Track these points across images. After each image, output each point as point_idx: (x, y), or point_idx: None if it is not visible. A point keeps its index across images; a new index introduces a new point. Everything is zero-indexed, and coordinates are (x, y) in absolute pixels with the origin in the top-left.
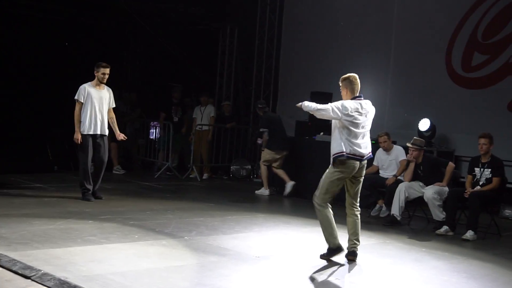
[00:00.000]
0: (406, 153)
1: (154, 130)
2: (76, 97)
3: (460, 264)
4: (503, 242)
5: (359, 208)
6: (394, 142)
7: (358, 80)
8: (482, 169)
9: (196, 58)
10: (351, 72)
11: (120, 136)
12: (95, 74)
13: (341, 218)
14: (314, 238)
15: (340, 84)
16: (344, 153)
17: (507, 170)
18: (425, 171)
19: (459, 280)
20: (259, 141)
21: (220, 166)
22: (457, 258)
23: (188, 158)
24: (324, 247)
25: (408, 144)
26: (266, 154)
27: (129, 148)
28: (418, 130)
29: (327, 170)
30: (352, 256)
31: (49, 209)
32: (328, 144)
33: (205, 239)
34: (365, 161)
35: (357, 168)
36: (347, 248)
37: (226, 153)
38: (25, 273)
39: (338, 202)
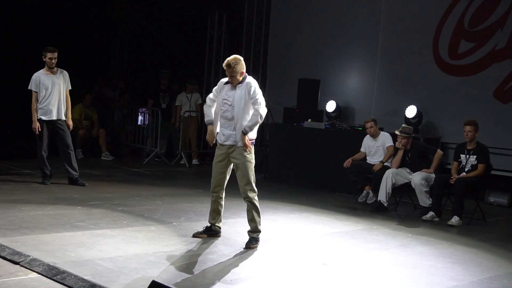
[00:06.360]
0: (393, 139)
1: (142, 117)
2: (29, 87)
3: (446, 250)
4: (487, 228)
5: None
6: (381, 129)
7: None
8: (467, 156)
9: (184, 44)
10: (339, 59)
11: (68, 122)
12: (43, 60)
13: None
14: (301, 224)
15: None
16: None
17: (492, 156)
18: (413, 158)
19: (444, 265)
20: None
21: (208, 152)
22: (443, 244)
23: (176, 145)
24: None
25: (397, 132)
26: None
27: (117, 134)
28: (405, 117)
29: (244, 159)
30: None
31: (38, 195)
32: (317, 131)
33: (194, 225)
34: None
35: None
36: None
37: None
38: (13, 258)
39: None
